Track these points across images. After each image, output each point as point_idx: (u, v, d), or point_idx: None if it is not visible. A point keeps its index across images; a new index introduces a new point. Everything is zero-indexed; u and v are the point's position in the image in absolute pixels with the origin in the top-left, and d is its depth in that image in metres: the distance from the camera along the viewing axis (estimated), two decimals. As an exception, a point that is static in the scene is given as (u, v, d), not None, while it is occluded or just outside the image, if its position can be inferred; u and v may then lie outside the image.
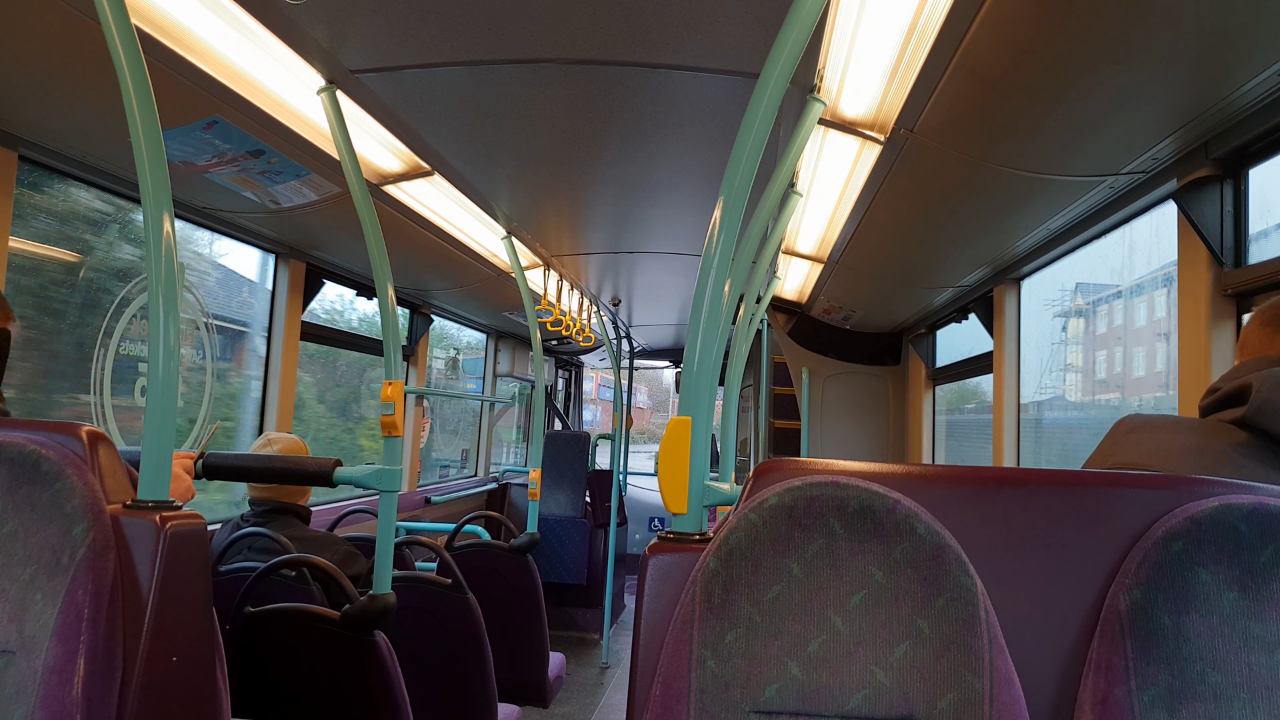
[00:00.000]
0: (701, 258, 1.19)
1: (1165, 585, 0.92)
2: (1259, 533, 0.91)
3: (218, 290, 3.32)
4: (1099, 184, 2.09)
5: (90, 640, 1.15)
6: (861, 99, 2.04)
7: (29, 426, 1.29)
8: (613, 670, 5.26)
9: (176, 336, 1.37)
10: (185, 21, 1.71)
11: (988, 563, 0.97)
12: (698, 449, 1.18)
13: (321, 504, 3.81)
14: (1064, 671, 0.96)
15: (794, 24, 1.19)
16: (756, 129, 1.19)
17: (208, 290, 3.20)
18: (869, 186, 2.50)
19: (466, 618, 2.49)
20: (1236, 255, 1.84)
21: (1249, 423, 1.13)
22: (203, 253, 3.23)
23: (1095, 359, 3.15)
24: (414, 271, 3.93)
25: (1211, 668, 0.90)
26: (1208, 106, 1.66)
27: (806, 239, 3.47)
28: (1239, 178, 1.84)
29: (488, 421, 6.21)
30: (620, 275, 4.46)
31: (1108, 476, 1.02)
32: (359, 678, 1.88)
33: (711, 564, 0.96)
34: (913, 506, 0.95)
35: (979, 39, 1.53)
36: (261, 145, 2.25)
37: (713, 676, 0.93)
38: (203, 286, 3.17)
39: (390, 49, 1.82)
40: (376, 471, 1.95)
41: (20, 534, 1.21)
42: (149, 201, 1.34)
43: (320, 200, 2.70)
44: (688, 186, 2.80)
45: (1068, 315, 3.17)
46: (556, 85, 2.01)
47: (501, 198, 2.93)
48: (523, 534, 3.30)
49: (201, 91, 1.94)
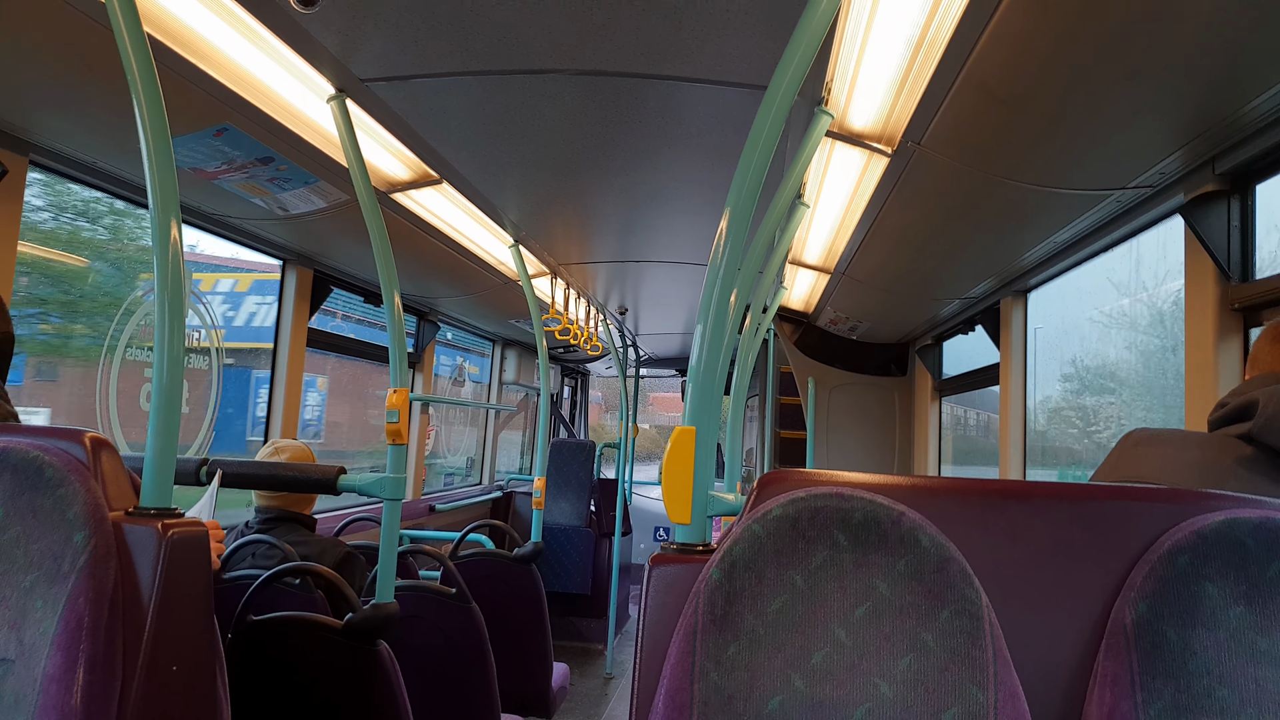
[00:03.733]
0: (708, 267, 1.20)
1: (1171, 599, 0.91)
2: (1265, 547, 0.90)
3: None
4: (1106, 197, 2.09)
5: (90, 648, 1.14)
6: (869, 112, 2.05)
7: (33, 432, 1.29)
8: (617, 681, 5.24)
9: (182, 343, 1.38)
10: (197, 29, 1.72)
11: (993, 575, 0.97)
12: (702, 459, 1.18)
13: (326, 511, 3.81)
14: (1070, 685, 0.96)
15: (802, 37, 1.19)
16: (764, 140, 1.19)
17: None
18: (876, 198, 2.50)
19: (470, 627, 2.49)
20: (1243, 270, 1.83)
21: (1255, 438, 1.13)
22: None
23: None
24: (421, 279, 3.94)
25: (1218, 683, 0.89)
26: (1215, 122, 1.65)
27: (813, 249, 3.47)
28: (1246, 193, 1.83)
29: (493, 429, 6.21)
30: (627, 284, 4.47)
31: (1114, 490, 1.02)
32: (361, 687, 1.87)
33: (715, 575, 0.96)
34: (918, 519, 0.94)
35: (987, 53, 1.53)
36: (271, 152, 2.26)
37: (715, 689, 0.93)
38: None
39: (401, 58, 1.83)
40: (380, 479, 1.95)
41: (22, 540, 1.20)
42: (157, 208, 1.35)
43: (328, 207, 2.71)
44: (695, 197, 2.80)
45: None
46: (565, 96, 2.02)
47: (510, 206, 2.94)
48: (527, 543, 3.30)
49: (212, 99, 1.95)
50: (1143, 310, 2.75)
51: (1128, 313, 2.84)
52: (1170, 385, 2.54)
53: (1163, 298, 2.60)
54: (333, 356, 4.21)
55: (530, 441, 7.64)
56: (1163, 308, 2.63)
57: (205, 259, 3.73)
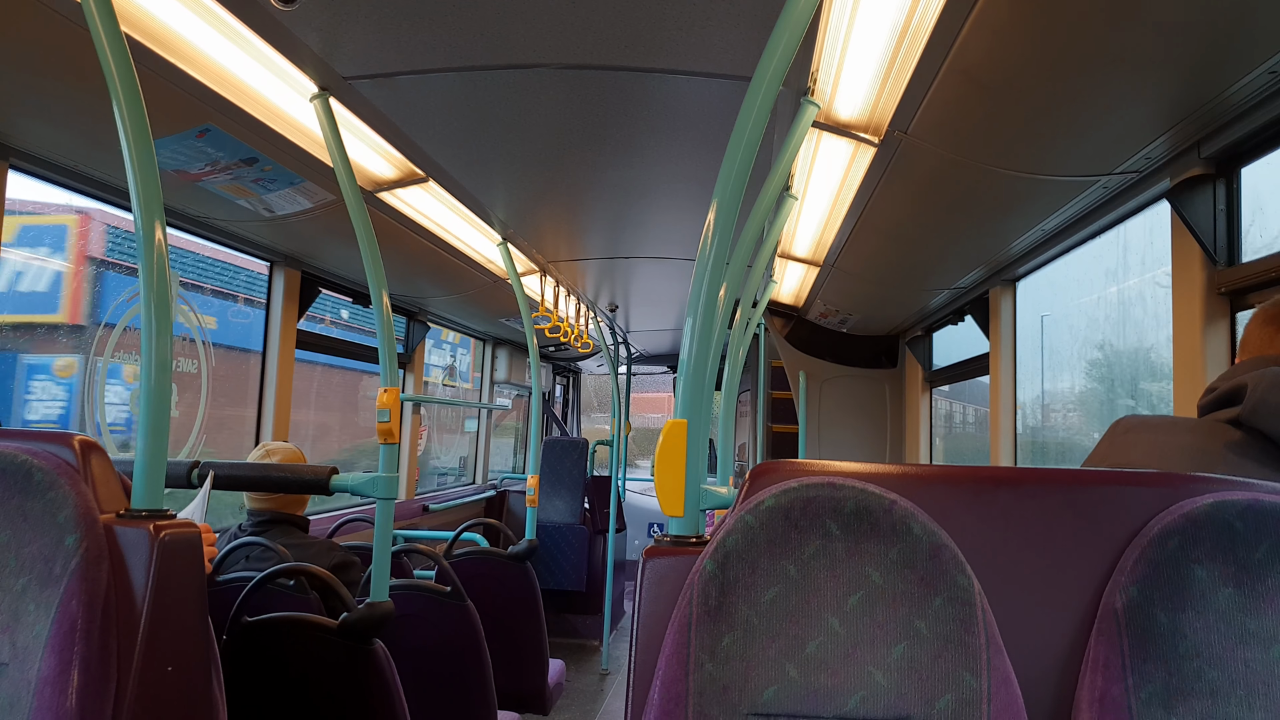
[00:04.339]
0: (696, 261, 1.19)
1: (1161, 583, 0.92)
2: (1254, 529, 0.91)
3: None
4: (1092, 184, 2.09)
5: (84, 651, 1.14)
6: (855, 101, 2.05)
7: (21, 436, 1.29)
8: (612, 676, 5.24)
9: (169, 346, 1.37)
10: (176, 28, 1.70)
11: (985, 562, 0.97)
12: (694, 452, 1.18)
13: (319, 513, 3.80)
14: (1062, 670, 0.96)
15: (786, 26, 1.19)
16: (750, 132, 1.19)
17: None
18: (864, 189, 2.50)
19: (465, 625, 2.49)
20: (1230, 254, 1.84)
21: (1244, 422, 1.13)
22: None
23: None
24: (410, 278, 3.93)
25: (1208, 664, 0.90)
26: (1199, 105, 1.66)
27: (802, 242, 3.48)
28: (1231, 176, 1.84)
29: (485, 429, 6.20)
30: (617, 280, 4.47)
31: (1103, 475, 1.02)
32: (357, 687, 1.87)
33: (708, 567, 0.96)
34: (909, 507, 0.94)
35: (970, 41, 1.53)
36: (255, 153, 2.25)
37: (711, 679, 0.93)
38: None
39: (383, 55, 1.82)
40: (373, 479, 1.94)
41: (13, 545, 1.20)
42: (140, 211, 1.34)
43: (315, 208, 2.70)
44: (684, 191, 2.80)
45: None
46: (550, 90, 2.02)
47: (497, 204, 2.93)
48: (521, 541, 3.30)
49: (193, 99, 1.93)
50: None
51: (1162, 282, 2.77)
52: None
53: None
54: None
55: (523, 440, 7.64)
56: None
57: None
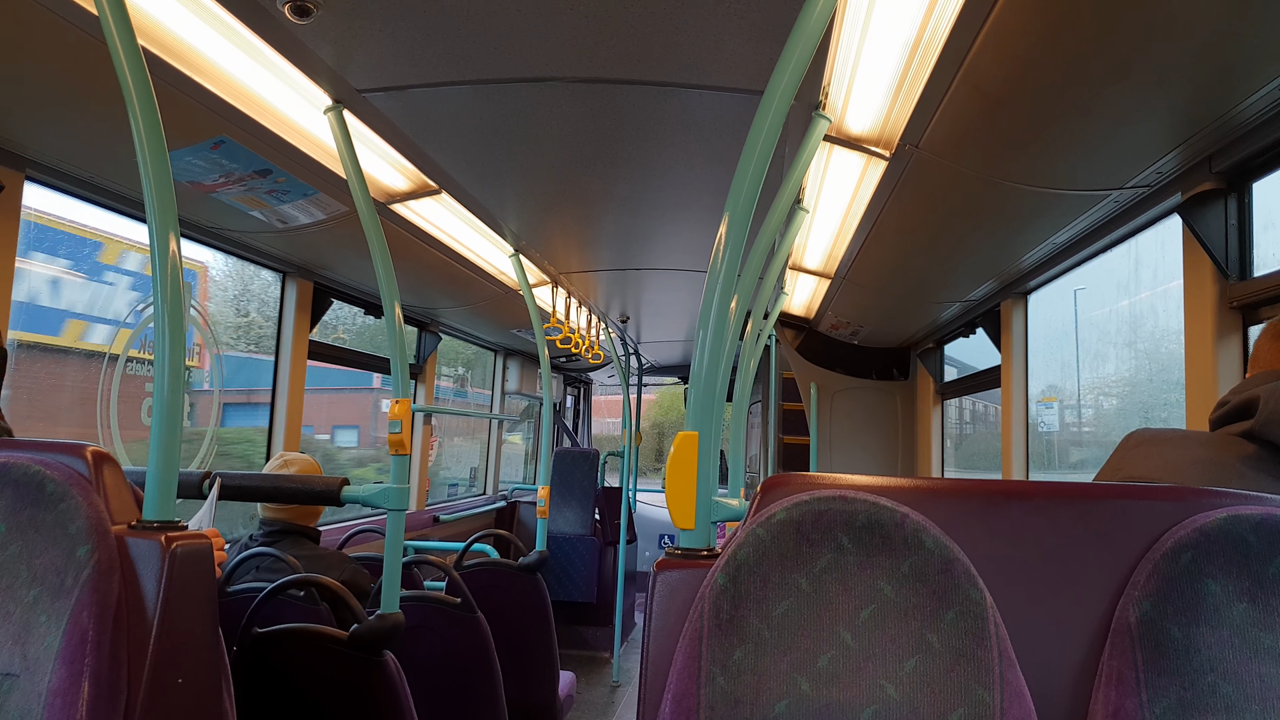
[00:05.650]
0: (707, 274, 1.20)
1: (1175, 597, 0.91)
2: (1268, 543, 0.90)
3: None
4: (1104, 198, 2.09)
5: (95, 662, 1.14)
6: (866, 115, 2.05)
7: (34, 447, 1.29)
8: (624, 689, 5.22)
9: (182, 357, 1.38)
10: (192, 42, 1.72)
11: (997, 576, 0.97)
12: (705, 465, 1.18)
13: (330, 524, 3.81)
14: (1075, 684, 0.96)
15: (798, 41, 1.20)
16: (761, 145, 1.19)
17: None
18: (875, 202, 2.50)
19: (475, 637, 2.49)
20: (1241, 268, 1.83)
21: (1257, 435, 1.13)
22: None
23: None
24: (422, 289, 3.95)
25: (1223, 679, 0.89)
26: (1211, 121, 1.66)
27: (813, 254, 3.48)
28: (1243, 191, 1.83)
29: (496, 439, 6.21)
30: (628, 292, 4.47)
31: (1116, 489, 1.02)
32: (367, 698, 1.87)
33: (720, 580, 0.96)
34: (921, 520, 0.94)
35: (982, 55, 1.54)
36: (268, 165, 2.26)
37: (722, 693, 0.93)
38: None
39: (397, 68, 1.84)
40: (384, 490, 1.95)
41: (24, 556, 1.20)
42: (155, 222, 1.35)
43: (327, 219, 2.72)
44: (695, 203, 2.81)
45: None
46: (563, 103, 2.03)
47: (509, 216, 2.94)
48: (532, 552, 3.29)
49: (208, 112, 1.95)
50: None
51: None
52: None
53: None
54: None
55: (534, 451, 7.64)
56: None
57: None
